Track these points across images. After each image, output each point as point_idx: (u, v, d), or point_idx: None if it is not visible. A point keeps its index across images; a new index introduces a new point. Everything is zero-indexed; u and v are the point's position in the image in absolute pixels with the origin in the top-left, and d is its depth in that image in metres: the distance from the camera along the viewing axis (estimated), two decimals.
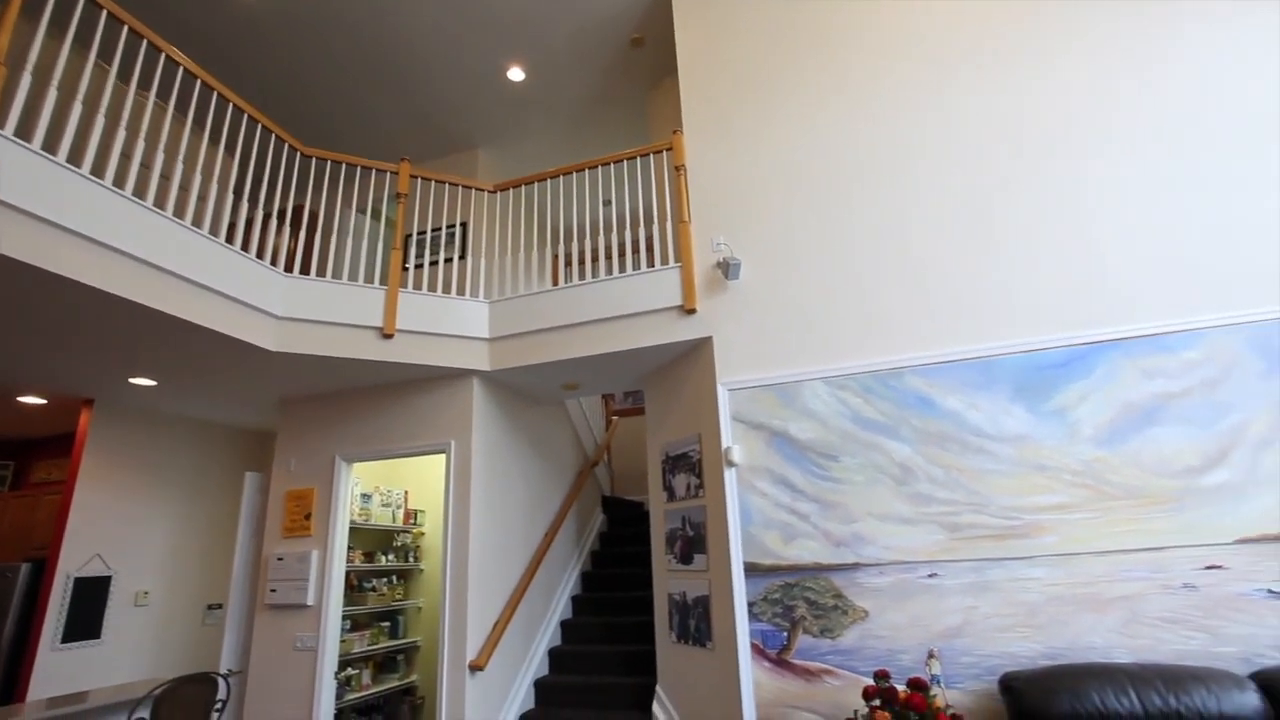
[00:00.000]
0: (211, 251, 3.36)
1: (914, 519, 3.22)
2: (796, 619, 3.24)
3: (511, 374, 4.34)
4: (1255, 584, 2.81)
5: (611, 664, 4.49)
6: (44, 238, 2.66)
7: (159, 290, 3.08)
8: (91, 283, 2.80)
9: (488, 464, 4.31)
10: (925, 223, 3.60)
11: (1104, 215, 3.35)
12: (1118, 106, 3.48)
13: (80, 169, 2.80)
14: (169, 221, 3.15)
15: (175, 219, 3.18)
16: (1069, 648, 2.91)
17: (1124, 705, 2.54)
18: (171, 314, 3.13)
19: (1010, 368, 3.27)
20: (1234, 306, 3.09)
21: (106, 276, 2.87)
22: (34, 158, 2.64)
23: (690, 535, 3.79)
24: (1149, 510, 2.98)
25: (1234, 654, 2.75)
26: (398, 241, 4.20)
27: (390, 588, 5.31)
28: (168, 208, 3.17)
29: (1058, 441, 3.13)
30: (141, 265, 3.02)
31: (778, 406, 3.54)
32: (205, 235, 3.33)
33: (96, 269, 2.83)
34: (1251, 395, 2.98)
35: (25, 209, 2.59)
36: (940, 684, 2.97)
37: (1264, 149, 3.23)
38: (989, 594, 3.05)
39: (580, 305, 4.07)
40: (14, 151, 2.58)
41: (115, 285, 2.90)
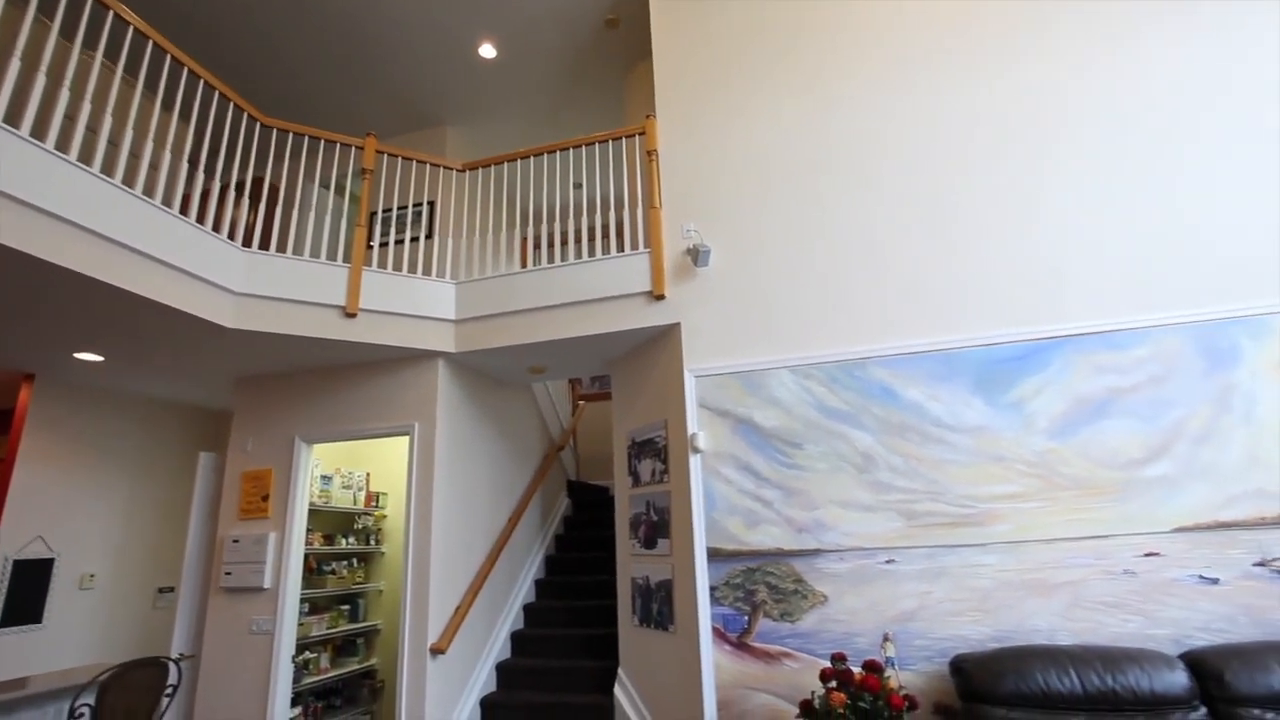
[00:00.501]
0: (164, 223, 3.22)
1: (874, 506, 3.29)
2: (757, 603, 3.30)
3: (478, 356, 4.29)
4: (1189, 570, 2.95)
5: (574, 647, 4.51)
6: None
7: (106, 262, 2.95)
8: (32, 251, 2.66)
9: (452, 447, 4.26)
10: (891, 218, 3.65)
11: (1060, 215, 3.45)
12: (1074, 109, 3.56)
13: (20, 131, 2.65)
14: (118, 190, 3.01)
15: (124, 187, 3.04)
16: (1016, 630, 3.02)
17: (1065, 685, 2.66)
18: (120, 287, 3.00)
19: (971, 360, 3.36)
20: (1180, 307, 3.22)
21: (48, 246, 2.73)
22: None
23: (654, 520, 3.81)
24: (1095, 500, 3.10)
25: (1166, 636, 2.89)
26: (362, 218, 4.10)
27: (351, 571, 5.24)
28: (116, 175, 3.03)
29: (1014, 433, 3.24)
30: (87, 235, 2.88)
31: (744, 394, 3.57)
32: (157, 206, 3.19)
33: (37, 237, 2.69)
34: (1193, 392, 3.12)
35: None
36: (894, 666, 3.06)
37: (1210, 157, 3.35)
38: (943, 579, 3.15)
39: (549, 288, 4.04)
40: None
41: (58, 255, 2.76)
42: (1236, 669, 2.60)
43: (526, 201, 6.50)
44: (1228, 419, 3.06)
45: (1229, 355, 3.13)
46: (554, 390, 6.33)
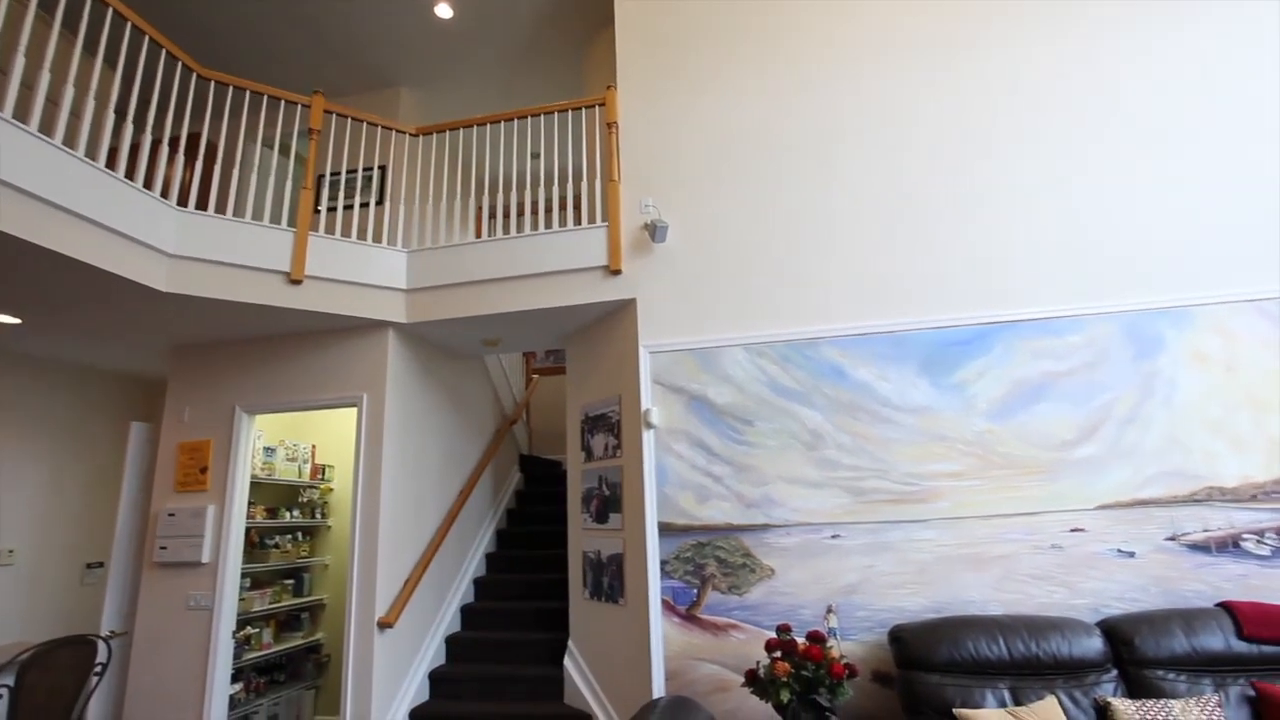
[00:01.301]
0: (87, 176, 3.01)
1: (821, 483, 3.38)
2: (707, 576, 3.36)
3: (429, 327, 4.19)
4: (1109, 545, 3.14)
5: (524, 620, 4.53)
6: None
7: (19, 216, 2.74)
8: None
9: (402, 419, 4.17)
10: (847, 201, 3.70)
11: (1007, 206, 3.55)
12: (1022, 105, 3.66)
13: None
14: (33, 138, 2.79)
15: (41, 135, 2.82)
16: (951, 601, 3.17)
17: (994, 652, 2.81)
18: (35, 243, 2.79)
19: (919, 343, 3.45)
20: (1112, 297, 3.37)
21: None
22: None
23: (606, 495, 3.83)
24: (1028, 479, 3.25)
25: (1086, 605, 3.08)
26: (308, 181, 3.92)
27: (295, 544, 5.12)
28: (31, 123, 2.81)
29: (956, 414, 3.35)
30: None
31: (698, 371, 3.60)
32: (79, 157, 2.97)
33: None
34: (1121, 377, 3.28)
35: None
36: (837, 636, 3.17)
37: (1141, 159, 3.50)
38: (886, 554, 3.27)
39: (504, 260, 3.96)
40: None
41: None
42: (1145, 635, 2.79)
43: (482, 170, 6.32)
44: (1150, 403, 3.24)
45: (1154, 343, 3.30)
46: (508, 363, 6.25)
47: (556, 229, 3.95)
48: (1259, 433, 3.15)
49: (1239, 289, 3.30)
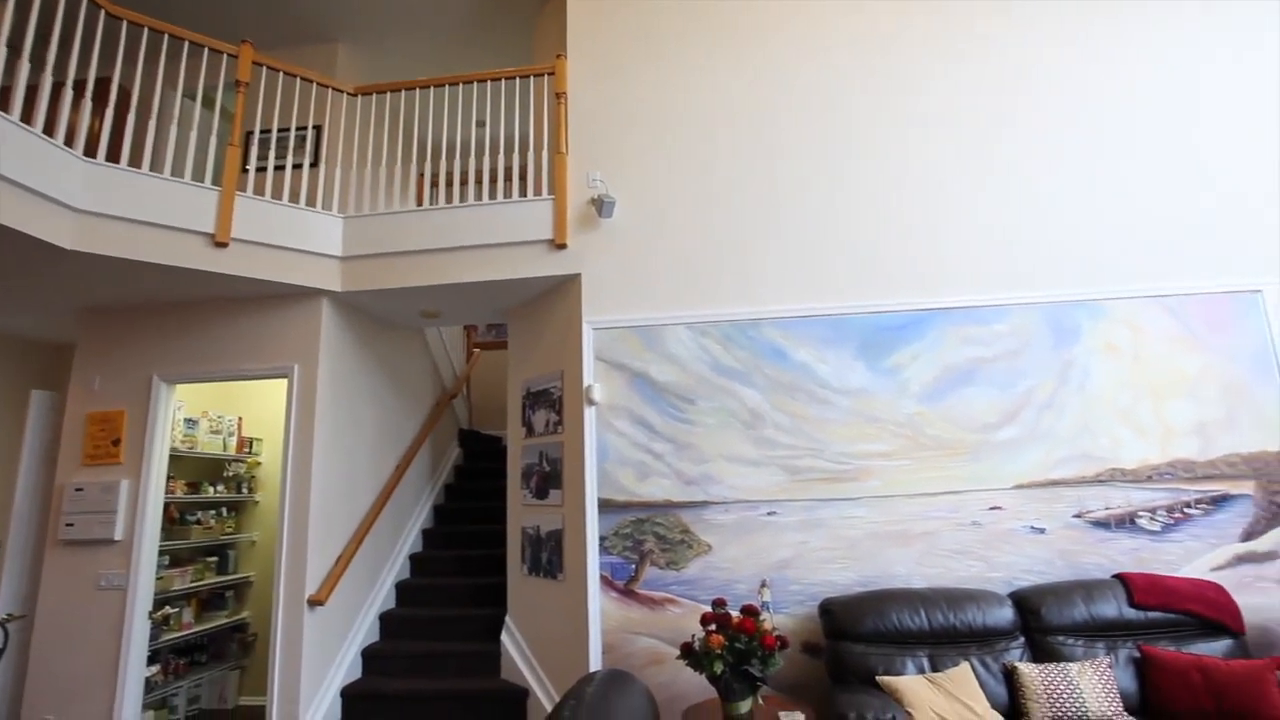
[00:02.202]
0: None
1: (759, 461, 3.46)
2: (645, 552, 3.41)
3: (366, 297, 4.04)
4: (1023, 521, 3.34)
5: (461, 596, 4.49)
6: None
7: None
8: None
9: (335, 391, 4.03)
10: (793, 185, 3.75)
11: (940, 196, 3.69)
12: (954, 98, 3.79)
13: None
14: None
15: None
16: (879, 576, 3.31)
17: (915, 622, 2.97)
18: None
19: (858, 327, 3.55)
20: (1036, 287, 3.55)
21: None
22: None
23: (547, 471, 3.81)
24: (953, 459, 3.42)
25: (1000, 578, 3.27)
26: (235, 137, 3.68)
27: (219, 520, 4.90)
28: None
29: (890, 396, 3.48)
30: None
31: (641, 348, 3.60)
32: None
33: None
34: (1041, 365, 3.47)
35: None
36: (770, 610, 3.27)
37: (1069, 152, 3.67)
38: (818, 530, 3.38)
39: (445, 230, 3.84)
40: None
41: None
42: (1050, 604, 3.00)
43: (424, 135, 6.08)
44: (1065, 390, 3.45)
45: (1072, 333, 3.50)
46: (448, 336, 6.11)
47: (501, 200, 3.85)
48: (1157, 419, 3.40)
49: (1147, 285, 3.52)
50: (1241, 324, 3.46)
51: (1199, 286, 3.50)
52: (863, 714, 2.47)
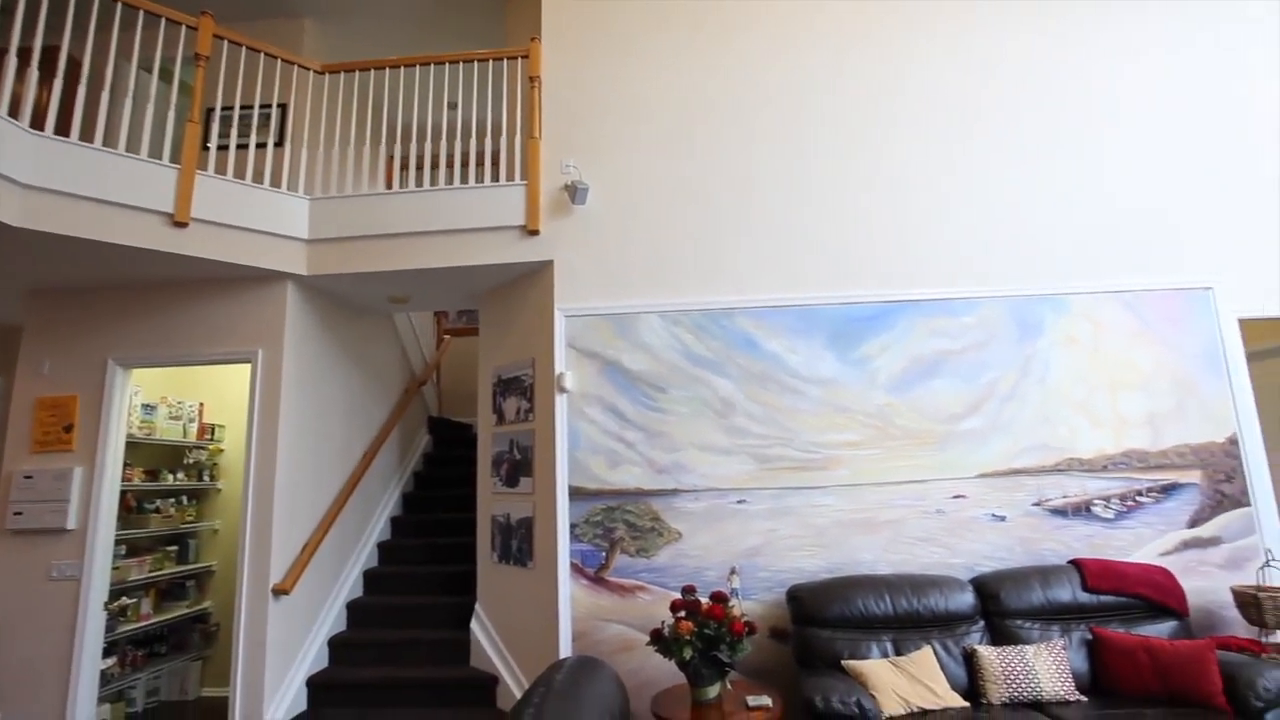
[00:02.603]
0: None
1: (730, 450, 3.49)
2: (615, 540, 3.42)
3: (333, 281, 3.95)
4: (985, 509, 3.43)
5: (430, 584, 4.45)
6: None
7: None
8: None
9: (301, 377, 3.94)
10: (765, 177, 3.77)
11: (911, 190, 3.74)
12: (925, 96, 3.84)
13: None
14: None
15: None
16: (845, 562, 3.38)
17: (880, 608, 3.03)
18: None
19: (828, 317, 3.59)
20: (1003, 281, 3.63)
21: None
22: None
23: (518, 459, 3.79)
24: (919, 449, 3.49)
25: (962, 564, 3.36)
26: (195, 113, 3.55)
27: (180, 509, 4.77)
28: None
29: (859, 386, 3.53)
30: None
31: (613, 336, 3.59)
32: None
33: None
34: (1005, 357, 3.56)
35: None
36: (739, 596, 3.31)
37: (1033, 151, 3.76)
38: (787, 518, 3.43)
39: (416, 214, 3.77)
40: None
41: None
42: (1008, 589, 3.09)
43: (394, 117, 5.93)
44: (1027, 382, 3.54)
45: (1035, 327, 3.59)
46: (417, 322, 6.02)
47: (473, 185, 3.79)
48: (1113, 411, 3.51)
49: (1107, 281, 3.62)
50: (1193, 320, 3.58)
51: (1155, 283, 3.62)
52: (828, 697, 2.52)
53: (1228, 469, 3.44)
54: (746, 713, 2.58)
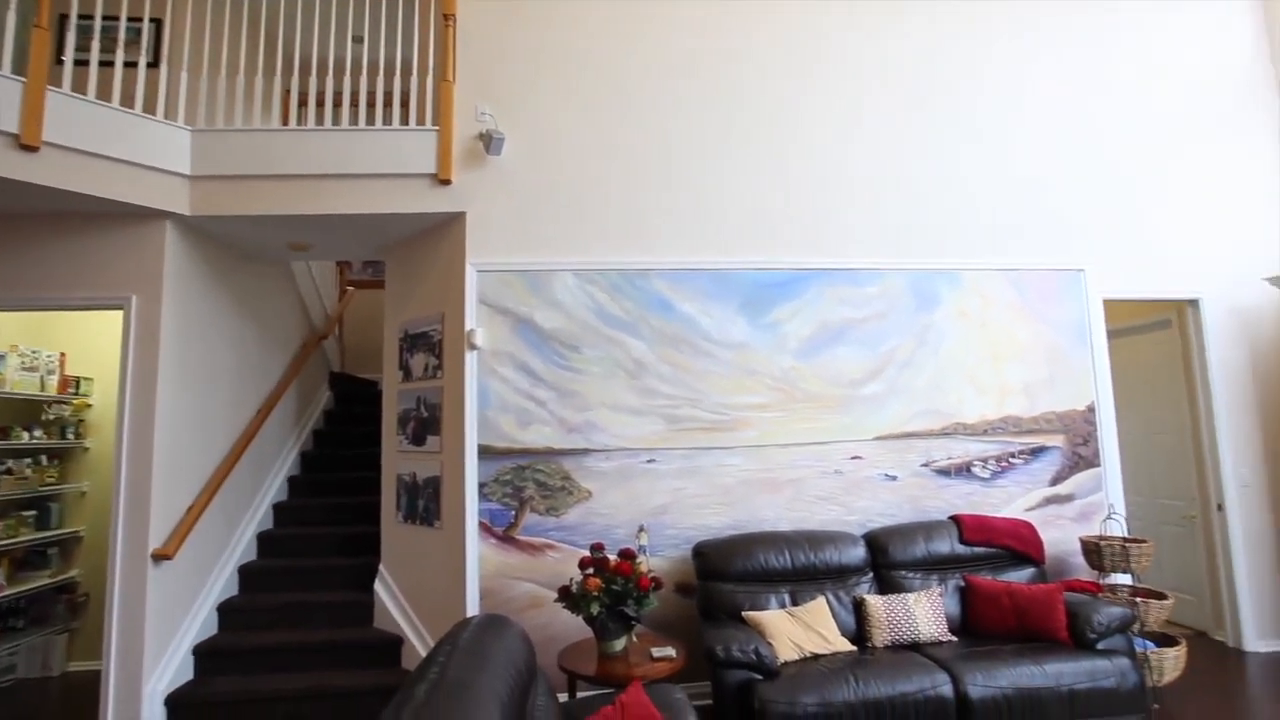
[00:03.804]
0: None
1: (642, 410, 3.52)
2: (525, 499, 3.40)
3: (222, 223, 3.62)
4: (879, 470, 3.65)
5: (331, 545, 4.29)
6: None
7: None
8: None
9: (183, 326, 3.62)
10: (689, 138, 3.75)
11: (823, 161, 3.84)
12: (838, 73, 3.93)
13: None
14: None
15: None
16: (749, 520, 3.52)
17: (779, 562, 3.19)
18: None
19: (742, 282, 3.66)
20: (905, 256, 3.82)
21: None
22: None
23: (425, 417, 3.68)
24: (822, 412, 3.65)
25: (856, 520, 3.58)
26: (43, 18, 3.09)
27: (38, 469, 4.32)
28: None
29: (768, 351, 3.64)
30: None
31: (526, 293, 3.51)
32: None
33: None
34: (904, 327, 3.76)
35: None
36: (647, 553, 3.39)
37: (932, 131, 3.93)
38: (695, 477, 3.52)
39: (317, 155, 3.49)
40: None
41: None
42: (896, 543, 3.32)
43: (291, 47, 5.42)
44: (923, 351, 3.76)
45: (932, 300, 3.80)
46: (318, 272, 5.65)
47: (380, 127, 3.55)
48: (995, 379, 3.80)
49: (996, 259, 3.88)
50: (1066, 298, 3.91)
51: (1035, 263, 3.91)
52: (728, 646, 2.64)
53: (1085, 433, 3.82)
54: (651, 664, 2.67)
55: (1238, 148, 4.21)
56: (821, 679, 2.60)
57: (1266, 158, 4.24)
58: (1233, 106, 4.25)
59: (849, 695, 2.54)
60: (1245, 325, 4.06)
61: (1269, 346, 4.05)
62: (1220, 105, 4.23)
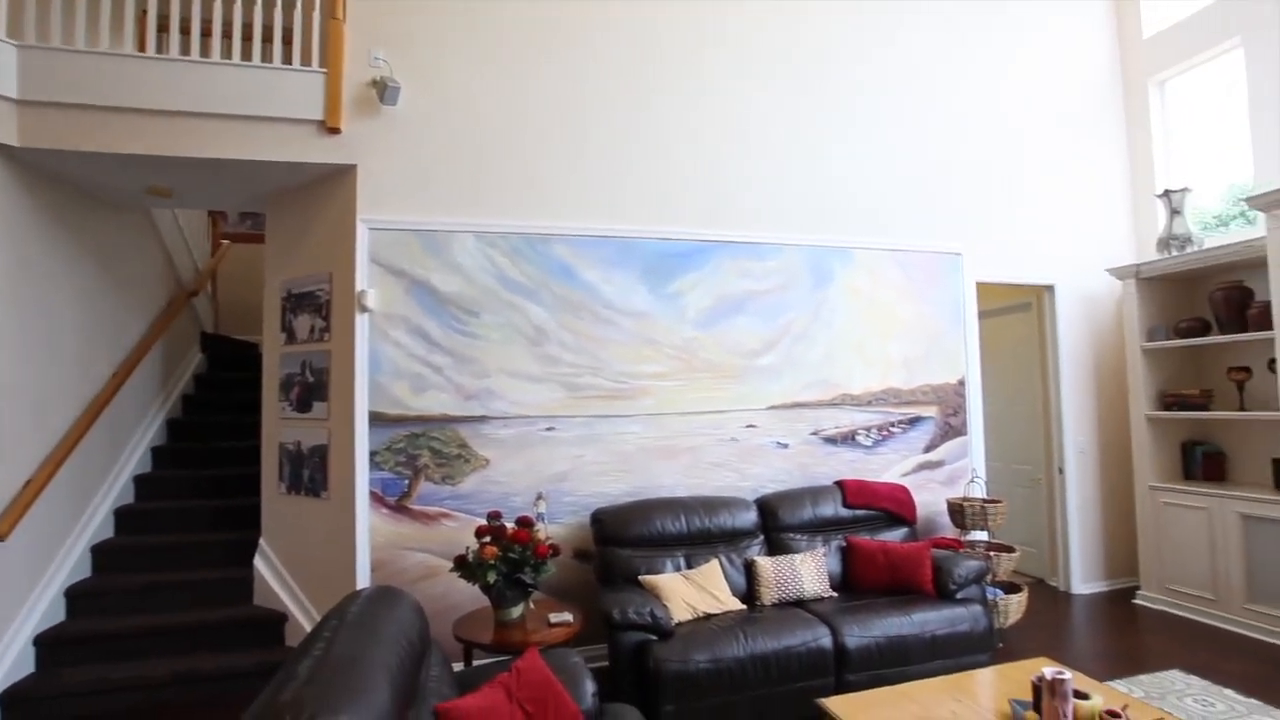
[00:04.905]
0: None
1: (541, 378, 3.47)
2: (419, 467, 3.28)
3: (62, 159, 3.18)
4: (772, 438, 3.82)
5: (203, 520, 3.98)
6: None
7: None
8: None
9: (13, 278, 3.17)
10: (596, 106, 3.68)
11: (729, 135, 3.89)
12: (743, 51, 3.96)
13: None
14: None
15: None
16: (647, 486, 3.58)
17: (675, 527, 3.27)
18: None
19: (645, 251, 3.66)
20: (805, 232, 3.95)
21: None
22: None
23: (311, 382, 3.46)
24: (720, 382, 3.75)
25: (749, 486, 3.73)
26: None
27: None
28: None
29: (669, 321, 3.67)
30: None
31: (423, 255, 3.35)
32: None
33: None
34: (800, 301, 3.91)
35: None
36: (545, 521, 3.38)
37: (830, 110, 4.08)
38: (594, 445, 3.53)
39: (183, 88, 3.12)
40: None
41: None
42: (785, 507, 3.50)
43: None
44: (817, 325, 3.93)
45: (827, 275, 3.97)
46: (187, 222, 5.13)
47: (259, 63, 3.22)
48: (881, 354, 4.05)
49: (885, 240, 4.10)
50: (944, 280, 4.20)
51: (920, 245, 4.17)
52: (625, 610, 2.69)
53: (956, 405, 4.16)
54: (549, 629, 2.68)
55: (1091, 149, 4.64)
56: (713, 637, 2.71)
57: (1115, 159, 4.70)
58: (1087, 110, 4.66)
59: (738, 651, 2.67)
60: (1090, 310, 4.53)
61: (1107, 330, 4.55)
62: (1077, 108, 4.63)
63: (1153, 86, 4.60)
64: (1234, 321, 3.78)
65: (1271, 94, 3.85)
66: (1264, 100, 3.89)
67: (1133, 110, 4.71)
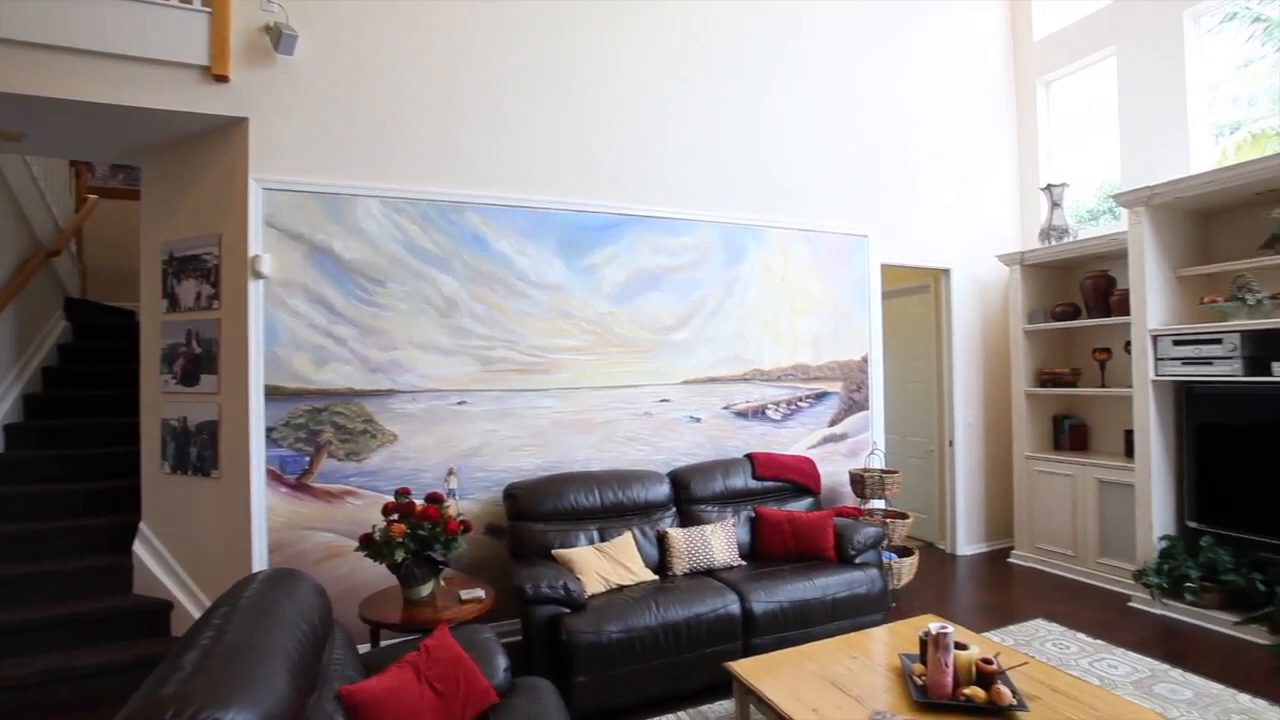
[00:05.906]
0: None
1: (452, 350, 3.37)
2: (322, 444, 3.12)
3: None
4: (685, 412, 3.89)
5: (71, 504, 3.62)
6: None
7: None
8: None
9: None
10: (513, 70, 3.55)
11: (647, 109, 3.86)
12: (668, 21, 3.95)
13: None
14: None
15: None
16: (561, 461, 3.56)
17: (589, 501, 3.29)
18: None
19: (560, 223, 3.59)
20: (719, 210, 4.00)
21: None
22: None
23: (198, 353, 3.20)
24: (634, 356, 3.77)
25: (663, 460, 3.79)
26: None
27: None
28: None
29: (584, 294, 3.64)
30: None
31: (324, 219, 3.14)
32: None
33: None
34: (714, 278, 3.97)
35: None
36: (456, 497, 3.30)
37: (747, 90, 4.13)
38: (508, 419, 3.47)
39: (34, 16, 2.75)
40: None
41: None
42: (696, 480, 3.58)
43: None
44: (730, 301, 4.01)
45: (740, 253, 4.05)
46: (44, 173, 4.58)
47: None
48: (791, 331, 4.19)
49: (797, 220, 4.22)
50: (852, 260, 4.38)
51: (830, 226, 4.32)
52: (538, 584, 2.69)
53: (859, 381, 4.38)
54: (460, 606, 2.64)
55: (986, 142, 4.94)
56: (625, 608, 2.75)
57: (1007, 153, 5.03)
58: (983, 105, 4.96)
59: (650, 620, 2.73)
60: (981, 294, 4.87)
61: (995, 313, 4.91)
62: (972, 102, 4.91)
63: (1040, 86, 4.93)
64: (1099, 307, 4.17)
65: (1137, 102, 4.23)
66: (1131, 107, 4.26)
67: (1023, 108, 5.04)
